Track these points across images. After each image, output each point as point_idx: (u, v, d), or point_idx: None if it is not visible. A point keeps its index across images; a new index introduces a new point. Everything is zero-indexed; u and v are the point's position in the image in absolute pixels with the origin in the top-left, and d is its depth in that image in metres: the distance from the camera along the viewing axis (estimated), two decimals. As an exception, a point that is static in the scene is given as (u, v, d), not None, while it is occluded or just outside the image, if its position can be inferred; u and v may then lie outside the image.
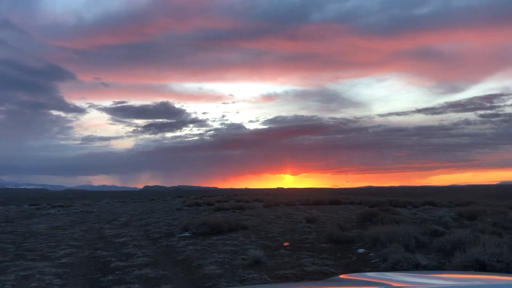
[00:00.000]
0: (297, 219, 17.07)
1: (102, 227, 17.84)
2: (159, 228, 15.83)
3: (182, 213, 25.38)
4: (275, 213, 21.90)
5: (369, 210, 14.54)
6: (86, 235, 14.58)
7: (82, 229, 16.93)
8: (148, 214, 26.45)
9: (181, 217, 21.23)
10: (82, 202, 55.39)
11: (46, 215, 29.38)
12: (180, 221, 18.55)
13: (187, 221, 17.57)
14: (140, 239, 12.64)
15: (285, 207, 28.08)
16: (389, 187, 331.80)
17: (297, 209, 25.40)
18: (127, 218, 22.98)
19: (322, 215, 17.94)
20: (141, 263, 8.36)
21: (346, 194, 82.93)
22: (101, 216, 25.39)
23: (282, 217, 18.53)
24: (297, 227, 13.56)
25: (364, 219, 14.26)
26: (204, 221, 12.81)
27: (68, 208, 39.24)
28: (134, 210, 31.79)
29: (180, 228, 14.48)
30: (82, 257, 9.50)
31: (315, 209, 24.35)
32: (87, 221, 21.97)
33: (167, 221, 19.22)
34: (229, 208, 26.82)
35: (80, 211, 32.04)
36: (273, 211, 23.92)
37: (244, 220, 17.03)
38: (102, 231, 15.99)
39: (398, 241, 7.71)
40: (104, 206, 41.79)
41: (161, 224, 17.44)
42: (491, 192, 74.23)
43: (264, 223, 15.35)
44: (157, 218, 22.00)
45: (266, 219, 17.59)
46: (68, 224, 20.14)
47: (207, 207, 33.03)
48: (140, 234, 14.24)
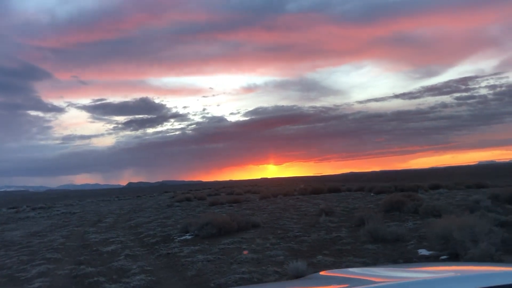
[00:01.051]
0: (309, 211, 15.18)
1: (86, 231, 15.64)
2: (153, 229, 13.73)
3: (174, 210, 23.25)
4: (277, 205, 19.98)
5: (394, 197, 12.74)
6: (67, 243, 12.40)
7: (63, 235, 14.71)
8: (137, 212, 24.25)
9: (175, 215, 19.13)
10: (64, 202, 52.53)
11: (24, 219, 26.82)
12: (175, 220, 16.47)
13: (184, 220, 15.50)
14: (133, 246, 10.54)
15: (284, 198, 26.21)
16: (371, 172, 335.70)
17: (298, 199, 23.55)
18: (114, 219, 20.75)
19: (334, 206, 16.08)
20: (140, 285, 6.30)
21: (330, 181, 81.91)
22: (85, 218, 23.08)
23: (289, 210, 16.62)
24: (317, 222, 11.63)
25: (390, 208, 12.43)
26: (208, 220, 10.77)
27: (49, 210, 36.62)
28: (120, 209, 29.47)
29: (179, 229, 12.41)
30: (61, 278, 7.36)
31: (318, 199, 22.55)
32: (69, 224, 19.68)
33: (159, 220, 17.11)
34: (225, 202, 24.81)
35: (62, 213, 29.53)
36: (274, 203, 22.01)
37: (248, 215, 15.06)
38: (86, 236, 13.81)
39: (479, 239, 5.84)
40: (88, 206, 39.22)
41: (154, 225, 15.33)
42: (473, 172, 74.08)
43: (274, 219, 13.40)
44: (148, 217, 19.85)
45: (273, 213, 15.65)
46: (47, 229, 17.84)
47: (199, 202, 30.94)
48: (131, 238, 12.13)
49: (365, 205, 15.87)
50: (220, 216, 11.48)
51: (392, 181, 52.11)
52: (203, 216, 12.19)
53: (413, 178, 67.39)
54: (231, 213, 13.00)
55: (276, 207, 18.96)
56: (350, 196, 23.29)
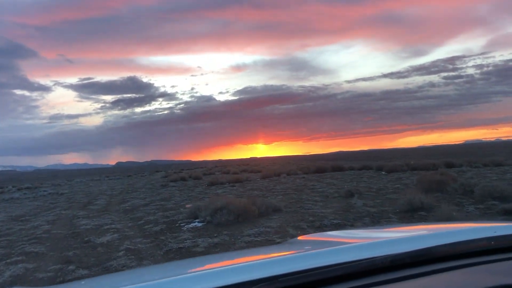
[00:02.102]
0: (329, 192, 13.50)
1: (75, 215, 13.79)
2: (153, 214, 11.93)
3: (171, 191, 21.46)
4: (285, 185, 18.30)
5: (433, 176, 11.11)
6: (53, 230, 10.56)
7: (49, 220, 12.85)
8: (130, 193, 22.41)
9: (174, 197, 17.34)
10: (52, 182, 50.34)
11: (8, 200, 24.76)
12: (175, 203, 14.69)
13: (186, 202, 13.73)
14: (132, 235, 8.73)
15: (289, 177, 24.55)
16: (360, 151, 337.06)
17: (305, 179, 21.91)
18: (106, 200, 18.90)
19: (354, 187, 14.42)
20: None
21: (320, 160, 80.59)
22: (74, 199, 21.17)
23: (304, 190, 14.94)
24: (351, 206, 9.93)
25: (429, 189, 10.77)
26: (223, 204, 8.99)
27: (36, 190, 34.49)
28: (111, 189, 27.58)
29: (184, 214, 10.64)
30: (42, 284, 5.55)
31: (327, 178, 20.94)
32: (56, 206, 17.78)
33: (157, 202, 15.31)
34: (225, 182, 23.07)
35: (49, 193, 27.53)
36: (280, 183, 20.34)
37: (259, 197, 13.35)
38: (75, 222, 11.96)
39: None
40: (77, 186, 37.22)
41: (152, 208, 13.54)
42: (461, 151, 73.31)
43: (293, 201, 11.69)
44: (143, 198, 18.04)
45: (287, 194, 13.95)
46: (31, 213, 15.94)
47: (195, 181, 29.19)
48: (129, 225, 10.32)
49: (390, 185, 14.24)
50: (237, 200, 9.70)
51: (381, 160, 50.90)
52: (214, 198, 10.39)
53: (402, 156, 66.42)
54: (250, 196, 11.22)
55: (286, 187, 17.27)
56: (362, 175, 21.71)
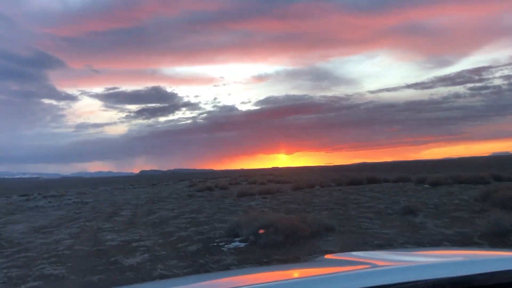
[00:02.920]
0: (379, 208, 12.05)
1: (100, 227, 12.79)
2: (184, 229, 10.78)
3: (199, 201, 20.35)
4: (324, 198, 16.91)
5: (507, 191, 9.62)
6: (75, 246, 9.53)
7: (72, 233, 11.87)
8: (156, 203, 21.42)
9: (204, 209, 16.19)
10: (77, 190, 50.20)
11: (33, 208, 24.17)
12: (207, 216, 13.51)
13: (218, 215, 12.50)
14: (165, 255, 7.56)
15: (323, 189, 23.11)
16: (384, 163, 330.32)
17: (342, 191, 20.45)
18: (132, 211, 17.92)
19: (409, 201, 12.91)
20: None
21: (343, 171, 78.48)
22: (98, 209, 20.32)
23: (349, 205, 13.53)
24: (415, 225, 8.51)
25: (503, 206, 9.23)
26: (268, 221, 7.73)
27: (61, 198, 34.06)
28: (137, 199, 26.72)
29: (219, 229, 9.42)
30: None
31: (369, 191, 19.41)
32: (80, 216, 16.90)
33: (187, 215, 14.18)
34: (255, 193, 21.83)
35: (73, 202, 26.88)
36: (316, 195, 18.95)
37: (300, 212, 12.01)
38: (100, 236, 10.93)
39: None
40: (101, 194, 36.65)
41: (183, 222, 12.40)
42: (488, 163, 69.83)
43: (342, 218, 10.33)
44: (171, 209, 16.96)
45: (331, 209, 12.58)
46: (55, 223, 15.08)
47: (222, 192, 28.05)
48: (159, 242, 9.17)
49: (447, 201, 12.67)
50: (283, 215, 8.42)
51: (407, 171, 48.78)
52: (254, 213, 9.14)
53: (428, 168, 63.96)
54: (300, 213, 9.91)
55: (325, 200, 15.88)
56: (404, 189, 20.07)
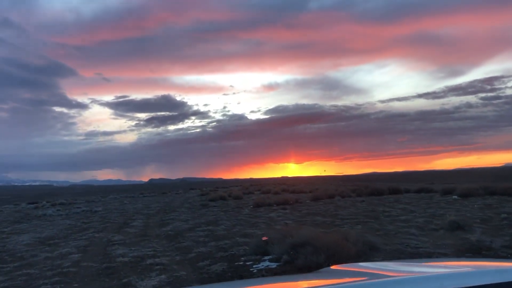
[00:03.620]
0: (418, 222, 10.84)
1: (110, 240, 11.77)
2: (203, 244, 9.70)
3: (214, 212, 19.27)
4: (349, 210, 15.72)
5: None
6: (83, 262, 8.50)
7: (80, 246, 10.86)
8: (168, 213, 20.40)
9: (221, 220, 15.10)
10: (86, 198, 49.48)
11: (40, 217, 23.31)
12: (226, 228, 12.41)
13: (237, 228, 11.35)
14: (186, 277, 6.48)
15: (344, 199, 21.89)
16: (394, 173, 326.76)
17: (366, 202, 19.22)
18: (143, 222, 16.90)
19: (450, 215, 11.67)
20: None
21: (352, 181, 76.90)
22: (108, 218, 19.35)
23: (380, 218, 12.35)
24: (471, 242, 7.34)
25: None
26: (306, 238, 6.62)
27: (70, 206, 33.25)
28: (147, 208, 25.75)
29: (247, 248, 8.32)
30: None
31: (396, 203, 18.15)
32: (89, 227, 15.92)
33: (204, 227, 13.10)
34: (273, 203, 20.70)
35: (82, 211, 26.00)
36: (340, 207, 17.75)
37: (329, 225, 10.87)
38: (110, 250, 9.89)
39: None
40: (111, 203, 35.76)
41: (200, 235, 11.32)
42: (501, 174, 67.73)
43: (381, 233, 9.16)
44: (185, 220, 15.91)
45: (363, 223, 11.40)
46: (61, 234, 14.11)
47: (236, 201, 26.93)
48: (177, 260, 8.10)
49: (494, 215, 11.41)
50: (324, 234, 7.29)
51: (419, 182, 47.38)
52: (287, 229, 8.02)
53: (441, 179, 62.38)
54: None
55: (351, 212, 14.70)
56: (433, 200, 18.75)
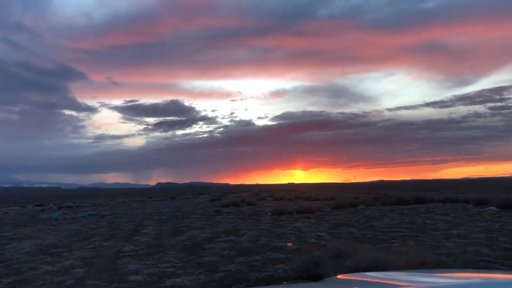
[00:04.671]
0: (478, 238, 9.32)
1: (120, 250, 10.39)
2: (228, 258, 8.28)
3: (229, 219, 17.85)
4: (383, 221, 14.22)
5: None
6: (88, 279, 7.12)
7: (85, 257, 9.50)
8: (181, 219, 19.01)
9: (241, 229, 13.67)
10: (94, 201, 48.32)
11: (45, 221, 22.03)
12: (250, 239, 10.97)
13: (261, 238, 9.87)
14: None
15: (368, 208, 20.33)
16: (401, 181, 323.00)
17: (396, 212, 17.66)
18: (155, 229, 15.51)
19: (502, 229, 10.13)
20: None
21: (361, 188, 75.27)
22: (117, 224, 17.99)
23: (426, 231, 10.83)
24: None
25: None
26: (370, 260, 5.17)
27: (77, 209, 31.99)
28: (158, 213, 24.37)
29: (285, 266, 6.87)
30: None
31: (430, 213, 16.58)
32: (96, 234, 14.57)
33: (224, 237, 11.67)
34: (293, 212, 19.21)
35: (89, 215, 24.70)
36: (372, 217, 16.24)
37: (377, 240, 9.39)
38: (120, 264, 8.51)
39: None
40: (119, 207, 34.48)
41: (222, 247, 9.89)
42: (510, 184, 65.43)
43: (448, 254, 7.67)
44: (200, 228, 14.51)
45: (411, 237, 9.91)
46: (66, 241, 12.78)
47: (251, 208, 25.44)
48: (202, 280, 6.67)
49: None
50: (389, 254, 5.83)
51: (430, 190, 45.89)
52: (341, 246, 6.54)
53: (450, 188, 60.82)
54: (405, 249, 7.30)
55: (388, 224, 13.19)
56: (471, 211, 17.13)
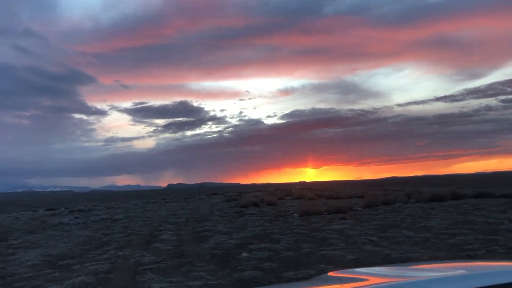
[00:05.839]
0: None
1: (138, 261, 8.90)
2: (271, 271, 6.73)
3: (255, 222, 16.32)
4: (434, 221, 12.57)
5: None
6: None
7: (99, 271, 8.02)
8: (200, 222, 17.54)
9: (273, 234, 12.13)
10: (106, 204, 47.15)
11: (56, 226, 20.71)
12: (290, 247, 9.41)
13: (310, 249, 8.26)
14: None
15: (405, 205, 18.62)
16: (413, 177, 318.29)
17: (435, 209, 15.96)
18: (175, 234, 14.01)
19: None
20: None
21: (376, 185, 73.38)
22: (131, 228, 16.55)
23: (501, 233, 9.17)
24: None
25: None
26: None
27: (89, 213, 30.73)
28: (174, 215, 22.94)
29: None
30: None
31: (480, 210, 14.85)
32: (110, 240, 13.11)
33: (257, 243, 10.13)
34: (323, 212, 17.58)
35: (102, 219, 23.35)
36: (413, 216, 14.58)
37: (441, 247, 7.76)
38: (141, 281, 7.01)
39: None
40: (132, 209, 33.14)
41: (258, 256, 8.35)
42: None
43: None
44: (225, 232, 13.01)
45: (487, 240, 8.27)
46: (77, 250, 11.34)
47: (273, 208, 23.88)
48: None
49: None
50: None
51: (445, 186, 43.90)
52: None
53: (463, 183, 58.40)
54: None
55: (445, 225, 11.55)
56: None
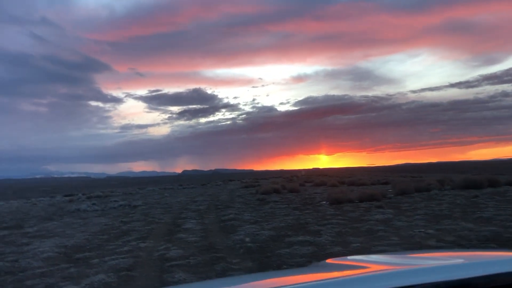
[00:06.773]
0: None
1: (163, 255, 7.89)
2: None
3: (282, 210, 15.23)
4: (488, 211, 11.30)
5: None
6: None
7: (120, 268, 7.02)
8: (222, 209, 16.55)
9: (308, 224, 11.01)
10: (123, 190, 46.71)
11: (73, 213, 19.97)
12: (334, 240, 8.28)
13: (362, 243, 7.06)
14: None
15: (443, 193, 17.28)
16: (428, 163, 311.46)
17: (478, 197, 14.62)
18: (198, 222, 13.02)
19: None
20: None
21: (392, 171, 71.37)
22: (151, 215, 15.64)
23: None
24: None
25: None
26: None
27: (106, 199, 30.10)
28: (193, 202, 22.04)
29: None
30: None
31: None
32: (130, 229, 12.18)
33: (293, 235, 9.03)
34: (354, 200, 16.37)
35: (120, 205, 22.58)
36: (458, 204, 13.30)
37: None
38: (170, 281, 5.98)
39: None
40: (150, 195, 32.45)
41: (302, 251, 7.25)
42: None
43: None
44: (253, 221, 11.97)
45: None
46: (95, 241, 10.41)
47: (295, 195, 22.74)
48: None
49: None
50: None
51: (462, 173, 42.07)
52: None
53: (478, 169, 56.27)
54: None
55: (504, 215, 10.28)
56: None
